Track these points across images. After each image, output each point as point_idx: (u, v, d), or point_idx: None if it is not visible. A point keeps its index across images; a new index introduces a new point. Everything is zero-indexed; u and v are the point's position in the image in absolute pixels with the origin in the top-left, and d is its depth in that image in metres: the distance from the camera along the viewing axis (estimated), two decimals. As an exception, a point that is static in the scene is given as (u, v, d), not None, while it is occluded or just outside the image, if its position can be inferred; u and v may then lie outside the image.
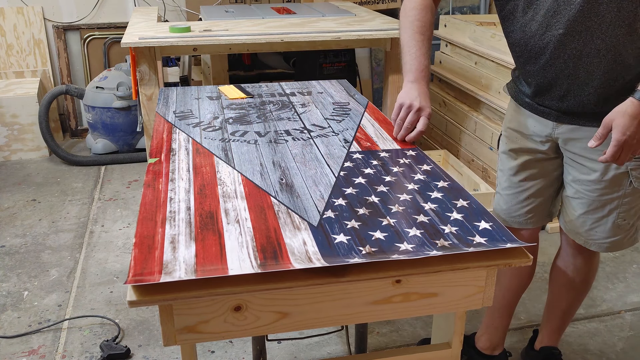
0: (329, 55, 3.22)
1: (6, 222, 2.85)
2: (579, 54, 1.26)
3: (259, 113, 1.63)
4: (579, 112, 1.35)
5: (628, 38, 1.22)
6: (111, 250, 2.60)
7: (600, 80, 1.28)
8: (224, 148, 1.36)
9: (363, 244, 0.93)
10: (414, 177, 1.19)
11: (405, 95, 1.39)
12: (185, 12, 3.97)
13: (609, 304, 2.25)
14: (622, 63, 1.25)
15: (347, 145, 1.38)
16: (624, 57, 1.24)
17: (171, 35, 2.49)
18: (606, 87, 1.28)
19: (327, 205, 1.07)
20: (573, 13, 1.22)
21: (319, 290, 0.91)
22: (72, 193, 3.18)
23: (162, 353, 1.96)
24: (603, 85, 1.28)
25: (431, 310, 0.98)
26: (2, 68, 3.82)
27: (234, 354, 1.96)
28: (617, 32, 1.21)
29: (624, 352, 2.00)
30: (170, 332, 0.89)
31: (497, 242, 0.94)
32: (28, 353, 1.96)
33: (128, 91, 3.52)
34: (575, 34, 1.24)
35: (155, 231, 0.98)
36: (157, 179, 1.19)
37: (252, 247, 0.92)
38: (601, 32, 1.22)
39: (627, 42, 1.23)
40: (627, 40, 1.23)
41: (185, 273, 0.85)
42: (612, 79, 1.27)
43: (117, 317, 2.14)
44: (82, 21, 3.88)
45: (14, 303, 2.23)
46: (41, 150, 3.65)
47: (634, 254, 2.60)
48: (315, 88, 1.89)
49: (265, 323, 0.92)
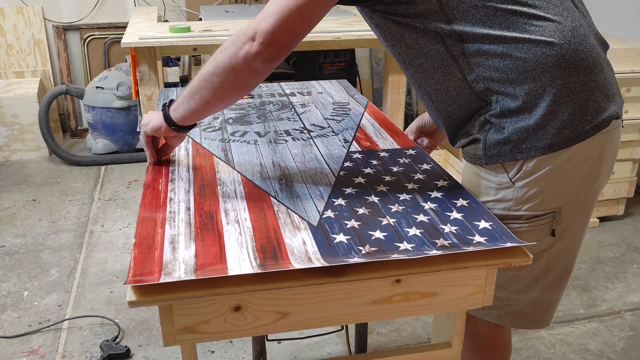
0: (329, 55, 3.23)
1: (6, 222, 2.85)
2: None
3: (259, 113, 1.63)
4: None
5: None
6: (111, 250, 2.60)
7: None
8: (223, 148, 1.36)
9: (363, 244, 0.93)
10: (413, 176, 1.19)
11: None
12: (185, 12, 3.97)
13: (609, 304, 2.25)
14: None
15: (347, 145, 1.38)
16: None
17: (171, 35, 2.49)
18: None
19: (326, 205, 1.07)
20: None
21: (319, 290, 0.91)
22: (72, 193, 3.18)
23: (162, 353, 1.96)
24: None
25: (431, 310, 0.98)
26: (2, 68, 3.82)
27: (234, 354, 1.96)
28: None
29: (624, 352, 1.99)
30: (170, 332, 0.89)
31: (497, 242, 0.94)
32: (28, 353, 1.96)
33: (128, 91, 3.52)
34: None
35: (155, 231, 0.98)
36: (156, 179, 1.19)
37: (252, 247, 0.92)
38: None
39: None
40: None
41: (185, 273, 0.85)
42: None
43: (117, 317, 2.14)
44: (82, 21, 3.88)
45: (14, 303, 2.23)
46: (41, 150, 3.65)
47: (634, 254, 2.60)
48: (315, 88, 1.89)
49: (265, 323, 0.92)
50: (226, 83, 1.04)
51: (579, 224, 1.15)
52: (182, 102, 1.12)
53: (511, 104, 1.04)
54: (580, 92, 1.03)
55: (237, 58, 1.00)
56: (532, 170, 1.06)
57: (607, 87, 1.07)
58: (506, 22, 1.01)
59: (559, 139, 1.03)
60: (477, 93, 1.06)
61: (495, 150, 1.07)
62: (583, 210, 1.14)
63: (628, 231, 2.80)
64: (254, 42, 0.98)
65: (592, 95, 1.04)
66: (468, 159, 1.14)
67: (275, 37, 0.98)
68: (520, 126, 1.04)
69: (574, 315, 2.18)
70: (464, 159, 1.16)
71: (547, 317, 1.24)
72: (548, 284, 1.18)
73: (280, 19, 0.97)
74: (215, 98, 1.08)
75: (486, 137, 1.08)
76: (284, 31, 0.98)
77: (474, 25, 1.01)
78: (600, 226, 2.83)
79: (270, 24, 0.98)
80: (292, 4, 0.97)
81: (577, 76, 1.02)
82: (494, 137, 1.07)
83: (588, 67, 1.03)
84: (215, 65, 1.03)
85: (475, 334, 1.28)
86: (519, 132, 1.04)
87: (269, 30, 0.97)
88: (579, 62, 1.02)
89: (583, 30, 1.04)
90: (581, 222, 1.16)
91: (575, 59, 1.02)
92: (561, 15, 1.03)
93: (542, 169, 1.06)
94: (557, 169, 1.06)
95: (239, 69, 1.01)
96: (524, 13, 1.01)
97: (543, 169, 1.05)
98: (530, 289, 1.17)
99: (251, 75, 1.03)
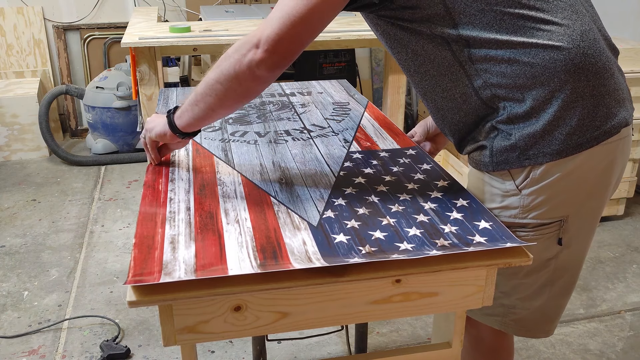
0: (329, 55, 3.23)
1: (6, 222, 2.85)
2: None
3: (259, 113, 1.63)
4: None
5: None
6: (111, 250, 2.60)
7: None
8: (223, 148, 1.36)
9: (363, 244, 0.93)
10: (413, 176, 1.19)
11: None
12: (185, 12, 3.97)
13: (609, 304, 2.25)
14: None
15: (347, 145, 1.38)
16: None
17: (171, 35, 2.49)
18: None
19: (327, 205, 1.07)
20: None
21: (319, 290, 0.91)
22: (72, 193, 3.18)
23: (162, 353, 1.96)
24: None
25: (431, 310, 0.98)
26: (2, 68, 3.82)
27: (234, 354, 1.96)
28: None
29: (624, 352, 1.99)
30: (170, 332, 0.89)
31: (497, 242, 0.94)
32: (28, 353, 1.96)
33: (128, 91, 3.52)
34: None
35: (155, 231, 0.98)
36: (156, 179, 1.19)
37: (252, 247, 0.92)
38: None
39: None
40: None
41: (185, 273, 0.85)
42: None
43: (117, 317, 2.14)
44: (82, 21, 3.88)
45: (14, 303, 2.23)
46: (41, 150, 3.65)
47: (634, 254, 2.60)
48: (315, 88, 1.89)
49: (265, 323, 0.92)
50: (230, 91, 1.03)
51: (586, 232, 1.14)
52: (187, 110, 1.11)
53: (518, 109, 1.02)
54: (589, 97, 1.01)
55: (241, 66, 0.99)
56: (540, 177, 1.04)
57: (617, 92, 1.05)
58: (513, 27, 0.99)
59: (567, 145, 1.01)
60: (484, 100, 1.05)
61: (502, 156, 1.06)
62: (591, 219, 1.12)
63: (628, 231, 2.80)
64: (258, 50, 0.97)
65: (602, 100, 1.02)
66: (474, 165, 1.13)
67: (279, 45, 0.96)
68: (527, 132, 1.02)
69: (574, 315, 2.18)
70: (470, 164, 1.14)
71: (551, 326, 1.22)
72: (554, 293, 1.16)
73: (285, 25, 0.96)
74: (219, 105, 1.07)
75: (493, 143, 1.06)
76: (288, 38, 0.96)
77: (480, 29, 1.00)
78: (600, 226, 2.83)
79: (275, 31, 0.96)
80: (296, 10, 0.95)
81: (586, 81, 1.00)
82: (500, 144, 1.05)
83: (598, 71, 1.01)
84: (220, 73, 1.03)
85: (478, 338, 1.27)
86: (526, 138, 1.02)
87: (273, 37, 0.96)
88: (589, 66, 1.00)
89: (592, 34, 1.02)
90: (589, 230, 1.14)
91: (585, 63, 1.00)
92: (569, 19, 1.01)
93: (550, 177, 1.04)
94: (566, 177, 1.04)
95: (243, 77, 1.00)
96: (531, 17, 0.99)
97: (551, 176, 1.03)
98: (536, 296, 1.16)
99: (255, 83, 1.02)
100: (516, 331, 1.21)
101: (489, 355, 1.30)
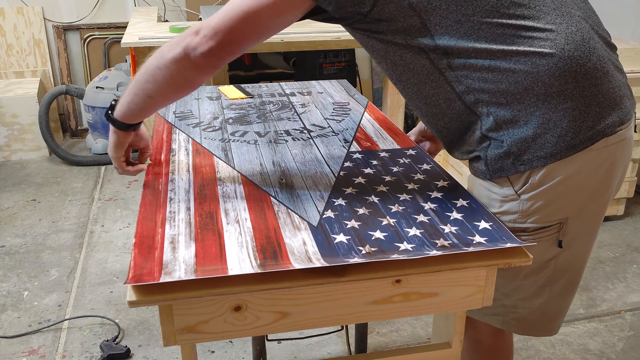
0: (329, 55, 3.22)
1: (6, 222, 2.85)
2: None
3: (259, 113, 1.63)
4: None
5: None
6: (111, 250, 2.60)
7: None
8: (223, 148, 1.36)
9: (363, 244, 0.93)
10: (413, 176, 1.19)
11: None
12: (185, 12, 3.97)
13: (609, 304, 2.25)
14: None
15: (347, 145, 1.38)
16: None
17: (171, 35, 2.49)
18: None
19: (327, 205, 1.07)
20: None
21: (319, 290, 0.91)
22: (72, 193, 3.18)
23: (162, 353, 1.96)
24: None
25: (431, 310, 0.98)
26: (2, 68, 3.82)
27: (234, 354, 1.96)
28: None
29: (624, 352, 1.99)
30: (170, 332, 0.89)
31: (497, 242, 0.94)
32: (28, 353, 1.96)
33: (128, 91, 3.52)
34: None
35: (155, 231, 0.98)
36: (157, 179, 1.19)
37: (252, 247, 0.92)
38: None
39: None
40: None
41: (185, 273, 0.85)
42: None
43: (117, 317, 2.14)
44: (82, 21, 3.88)
45: (14, 303, 2.23)
46: (41, 150, 3.65)
47: (634, 254, 2.60)
48: (315, 88, 1.89)
49: (265, 323, 0.92)
50: (169, 77, 1.04)
51: (587, 234, 1.13)
52: (125, 97, 1.11)
53: (505, 113, 1.01)
54: (579, 97, 1.00)
55: (178, 50, 1.01)
56: (539, 182, 1.03)
57: (613, 90, 1.03)
58: (492, 35, 0.98)
59: (560, 146, 1.00)
60: (467, 105, 1.04)
61: (497, 165, 1.05)
62: (592, 220, 1.12)
63: (628, 231, 2.80)
64: (197, 36, 0.99)
65: (594, 99, 1.00)
66: (473, 172, 1.13)
67: (218, 33, 0.98)
68: (518, 137, 1.01)
69: (574, 315, 2.18)
70: (470, 170, 1.15)
71: (554, 325, 1.22)
72: (555, 293, 1.16)
73: (228, 17, 0.98)
74: (158, 93, 1.07)
75: (487, 153, 1.05)
76: (229, 29, 0.98)
77: (458, 39, 0.99)
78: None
79: (217, 20, 0.99)
80: (245, 5, 0.97)
81: (574, 82, 0.99)
82: (494, 152, 1.04)
83: (587, 72, 1.00)
84: (160, 58, 1.04)
85: (477, 340, 1.27)
86: (518, 143, 1.02)
87: (214, 26, 0.98)
88: (576, 68, 0.99)
89: (581, 35, 1.01)
90: (590, 232, 1.13)
91: (571, 65, 0.98)
92: (554, 23, 0.99)
93: (549, 182, 1.03)
94: (565, 181, 1.03)
95: (180, 62, 1.01)
96: (511, 25, 0.98)
97: (550, 181, 1.03)
98: (537, 296, 1.16)
99: (193, 70, 1.02)
100: (518, 330, 1.21)
101: (488, 356, 1.30)
